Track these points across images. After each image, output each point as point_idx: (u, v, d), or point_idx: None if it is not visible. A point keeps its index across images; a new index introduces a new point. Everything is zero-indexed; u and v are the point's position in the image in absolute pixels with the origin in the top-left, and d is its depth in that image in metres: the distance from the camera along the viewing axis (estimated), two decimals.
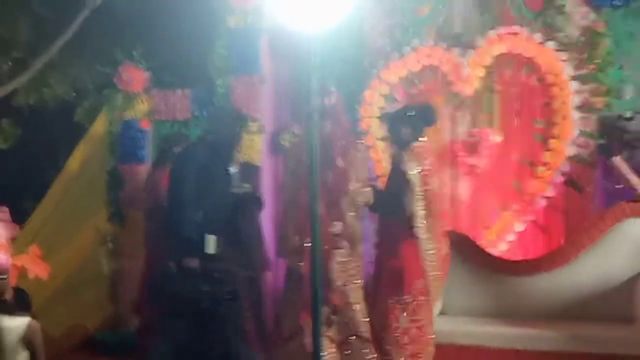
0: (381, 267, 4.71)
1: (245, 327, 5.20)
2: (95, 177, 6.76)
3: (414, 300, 4.56)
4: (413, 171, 4.58)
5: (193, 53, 6.56)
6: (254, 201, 5.76)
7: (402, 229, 4.59)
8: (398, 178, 4.63)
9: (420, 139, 4.72)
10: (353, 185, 4.77)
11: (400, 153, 4.71)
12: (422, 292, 4.58)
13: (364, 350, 4.76)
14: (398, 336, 4.55)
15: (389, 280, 4.63)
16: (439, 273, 4.67)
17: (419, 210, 4.56)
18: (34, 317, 3.87)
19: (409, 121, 4.73)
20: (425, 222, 4.56)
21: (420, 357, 4.58)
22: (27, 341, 3.54)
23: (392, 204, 4.64)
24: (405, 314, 4.55)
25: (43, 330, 3.80)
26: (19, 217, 4.59)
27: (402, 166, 4.61)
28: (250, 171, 6.04)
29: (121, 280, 6.35)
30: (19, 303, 3.99)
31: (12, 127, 7.24)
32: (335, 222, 4.67)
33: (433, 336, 4.63)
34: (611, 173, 5.54)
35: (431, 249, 4.60)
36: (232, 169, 5.70)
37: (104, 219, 6.64)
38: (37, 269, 4.22)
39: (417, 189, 4.57)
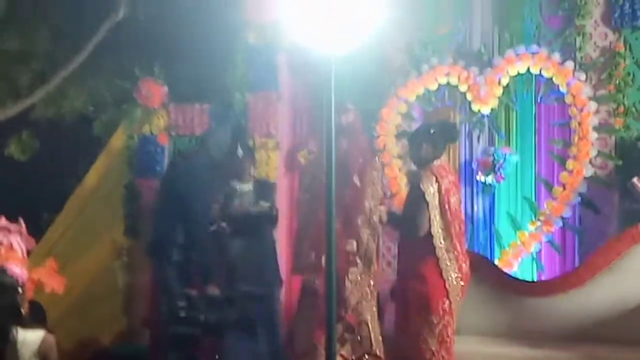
0: (405, 288, 4.63)
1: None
2: (112, 191, 6.78)
3: (440, 321, 4.50)
4: (431, 189, 4.53)
5: (212, 68, 6.58)
6: (268, 219, 5.76)
7: (423, 249, 4.53)
8: (417, 197, 4.59)
9: (440, 156, 4.68)
10: (369, 203, 4.76)
11: (419, 171, 4.66)
12: (448, 312, 4.52)
13: None
14: (427, 357, 4.48)
15: (414, 302, 4.55)
16: (460, 293, 4.63)
17: (439, 229, 4.52)
18: (49, 330, 3.88)
19: (430, 138, 4.68)
20: (445, 241, 4.51)
21: None
22: (42, 355, 3.55)
23: (411, 224, 4.59)
24: (433, 335, 4.49)
25: (57, 344, 3.81)
26: (35, 230, 4.60)
27: (421, 185, 4.56)
28: (266, 188, 6.04)
29: (136, 294, 6.35)
30: (35, 316, 4.00)
31: (30, 140, 7.27)
32: (350, 240, 4.66)
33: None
34: (629, 194, 5.50)
35: (453, 268, 4.56)
36: (239, 186, 5.77)
37: (120, 233, 6.66)
38: (53, 282, 4.22)
39: (437, 207, 4.53)
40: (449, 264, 4.52)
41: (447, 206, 4.54)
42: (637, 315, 4.89)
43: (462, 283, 4.57)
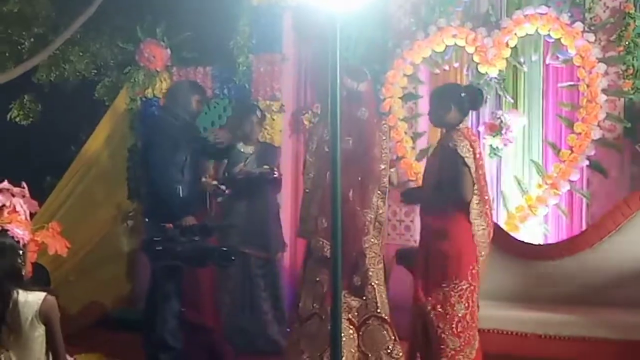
0: (430, 251, 4.56)
1: None
2: (116, 155, 6.76)
3: (468, 287, 4.45)
4: (469, 154, 4.41)
5: (215, 30, 6.52)
6: (270, 182, 5.75)
7: (456, 213, 4.46)
8: (455, 162, 4.45)
9: (463, 121, 4.57)
10: (379, 167, 4.72)
11: (450, 134, 4.54)
12: (476, 277, 4.48)
13: (383, 332, 4.73)
14: (454, 324, 4.44)
15: (443, 268, 4.49)
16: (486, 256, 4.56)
17: (474, 194, 4.42)
18: (54, 292, 3.87)
19: (459, 101, 4.56)
20: (478, 206, 4.43)
21: (470, 344, 4.47)
22: (43, 316, 3.54)
23: (454, 192, 4.45)
24: (461, 301, 4.44)
25: (60, 307, 3.79)
26: (39, 194, 4.56)
27: (459, 150, 4.42)
28: (269, 152, 6.02)
29: (139, 258, 6.34)
30: (38, 279, 3.99)
31: (33, 103, 7.24)
32: (366, 210, 4.62)
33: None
34: (637, 157, 5.45)
35: (483, 232, 4.49)
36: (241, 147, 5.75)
37: (124, 196, 6.64)
38: (56, 244, 4.19)
39: (473, 172, 4.42)
40: (481, 230, 4.46)
41: (480, 171, 4.46)
42: None
43: (488, 250, 4.52)
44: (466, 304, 4.45)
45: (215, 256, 4.86)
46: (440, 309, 4.47)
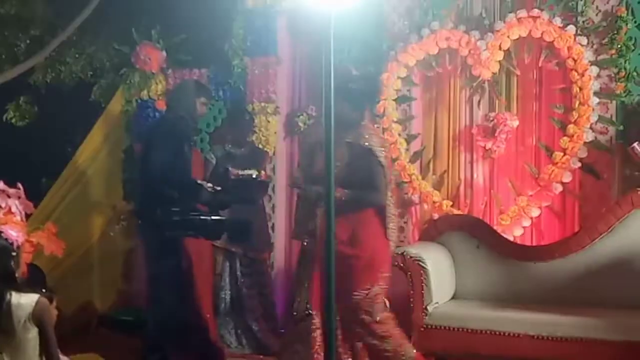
0: (345, 257, 4.32)
1: None
2: (111, 156, 6.79)
3: (383, 290, 4.41)
4: (381, 152, 4.32)
5: (210, 33, 6.55)
6: (257, 186, 5.78)
7: (370, 216, 4.39)
8: (370, 161, 4.33)
9: (363, 117, 4.47)
10: None
11: (357, 130, 4.39)
12: (387, 279, 4.45)
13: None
14: (376, 327, 4.38)
15: (355, 271, 4.37)
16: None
17: (389, 196, 4.36)
18: (50, 294, 3.89)
19: (352, 95, 4.42)
20: (391, 206, 4.36)
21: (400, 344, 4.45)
22: (36, 318, 3.55)
23: (370, 192, 4.35)
24: (377, 303, 4.39)
25: (56, 308, 3.81)
26: (34, 195, 4.59)
27: (372, 148, 4.31)
28: (257, 155, 6.06)
29: (135, 259, 6.37)
30: (33, 280, 4.01)
31: (28, 105, 7.25)
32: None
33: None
34: (629, 159, 5.49)
35: (395, 235, 4.45)
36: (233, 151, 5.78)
37: (120, 198, 6.67)
38: (52, 245, 4.24)
39: (387, 171, 4.32)
40: (393, 230, 4.40)
41: (390, 170, 4.39)
42: (636, 279, 4.90)
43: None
44: (381, 308, 4.40)
45: (230, 229, 4.96)
46: (359, 314, 4.39)
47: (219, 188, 5.45)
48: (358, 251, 4.37)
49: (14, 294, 3.57)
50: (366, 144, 4.34)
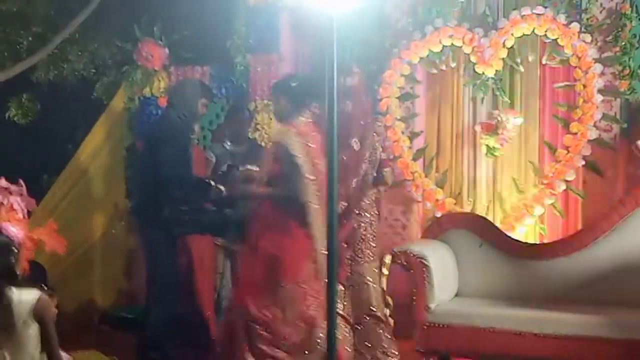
0: (265, 255, 4.42)
1: None
2: (113, 154, 6.78)
3: (306, 290, 4.38)
4: (300, 151, 4.30)
5: (212, 30, 6.54)
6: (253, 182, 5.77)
7: (294, 216, 4.35)
8: (288, 161, 4.32)
9: (304, 113, 4.45)
10: (366, 166, 4.74)
11: (283, 130, 4.41)
12: (313, 280, 4.40)
13: (378, 329, 4.75)
14: (289, 326, 4.36)
15: (277, 268, 4.37)
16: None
17: (311, 194, 4.32)
18: (51, 291, 3.88)
19: (291, 92, 4.47)
20: (317, 206, 4.31)
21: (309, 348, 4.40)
22: (37, 315, 3.54)
23: (287, 191, 4.36)
24: (298, 302, 4.37)
25: (58, 305, 3.81)
26: (36, 192, 4.58)
27: (289, 147, 4.30)
28: (258, 152, 6.05)
29: (137, 257, 6.36)
30: (34, 277, 4.00)
31: (31, 102, 7.25)
32: (341, 202, 4.62)
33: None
34: (633, 157, 5.47)
35: (322, 233, 4.24)
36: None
37: (122, 195, 6.66)
38: (54, 243, 4.21)
39: (308, 171, 4.30)
40: (320, 230, 4.31)
41: (315, 168, 4.31)
42: (639, 278, 4.88)
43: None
44: (303, 308, 4.37)
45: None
46: (274, 313, 4.37)
47: (221, 187, 5.45)
48: (278, 247, 4.37)
49: (14, 290, 3.56)
50: (283, 142, 4.34)
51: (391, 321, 4.93)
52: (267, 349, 4.34)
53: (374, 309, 4.74)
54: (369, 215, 4.85)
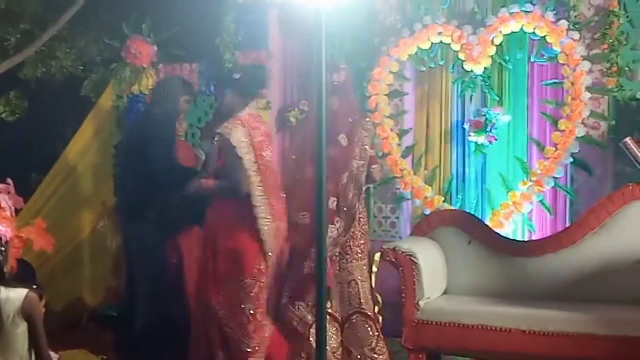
0: (216, 249, 4.46)
1: None
2: (102, 151, 6.75)
3: (257, 283, 4.40)
4: (243, 143, 4.34)
5: (201, 27, 6.52)
6: None
7: (239, 208, 4.38)
8: (230, 153, 4.37)
9: (249, 105, 4.51)
10: (356, 163, 4.74)
11: (227, 123, 4.44)
12: (264, 274, 4.43)
13: (366, 327, 4.76)
14: (244, 324, 4.38)
15: (228, 264, 4.41)
16: (272, 254, 4.49)
17: (256, 187, 4.37)
18: (39, 289, 3.86)
19: (236, 85, 4.51)
20: (262, 200, 4.37)
21: (266, 345, 4.44)
22: (25, 313, 3.52)
23: (229, 183, 4.42)
24: (249, 299, 4.38)
25: (46, 304, 3.79)
26: (24, 190, 4.56)
27: (231, 139, 4.34)
28: None
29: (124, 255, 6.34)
30: (23, 275, 3.98)
31: (18, 100, 7.21)
32: (331, 198, 4.63)
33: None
34: (621, 154, 5.48)
35: (271, 228, 4.42)
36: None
37: (110, 193, 6.63)
38: (42, 241, 4.20)
39: (252, 163, 4.35)
40: (266, 224, 4.39)
41: (260, 161, 4.36)
42: (627, 274, 4.89)
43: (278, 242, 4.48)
44: (255, 303, 4.39)
45: None
46: (228, 308, 4.39)
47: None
48: (224, 242, 4.41)
49: (2, 288, 3.54)
50: (227, 136, 4.37)
51: (380, 318, 4.93)
52: (235, 345, 4.40)
53: (362, 307, 4.74)
54: (357, 213, 4.85)
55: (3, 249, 3.71)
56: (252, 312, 4.39)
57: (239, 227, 4.39)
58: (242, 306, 4.37)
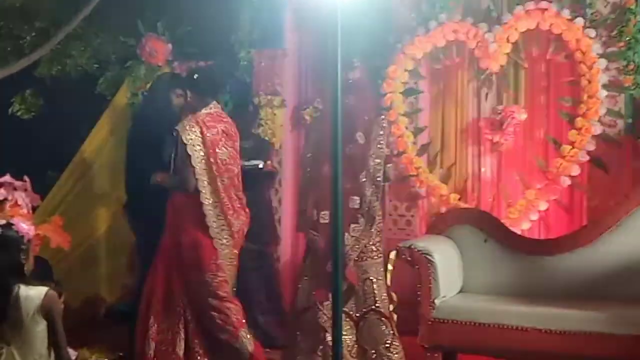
0: (176, 245, 4.65)
1: None
2: (117, 149, 6.76)
3: (214, 279, 4.55)
4: (194, 141, 4.51)
5: (216, 25, 6.53)
6: (263, 177, 5.80)
7: (191, 205, 4.55)
8: (181, 149, 4.56)
9: (206, 104, 4.67)
10: (373, 161, 4.74)
11: (183, 121, 4.64)
12: (221, 269, 4.57)
13: (381, 325, 4.75)
14: (213, 316, 4.54)
15: (186, 261, 4.59)
16: (234, 250, 4.62)
17: (205, 184, 4.50)
18: (58, 287, 3.88)
19: (194, 84, 4.70)
20: (212, 196, 4.52)
21: (235, 336, 4.58)
22: (45, 311, 3.53)
23: (178, 178, 4.61)
24: (211, 293, 4.54)
25: (63, 301, 3.81)
26: (41, 188, 4.58)
27: (183, 136, 4.54)
28: (262, 147, 6.06)
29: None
30: (41, 273, 4.00)
31: (34, 98, 7.23)
32: (353, 197, 4.65)
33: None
34: (638, 152, 5.46)
35: (220, 224, 4.55)
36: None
37: (124, 190, 6.65)
38: (59, 238, 4.22)
39: (202, 160, 4.49)
40: (215, 220, 4.51)
41: (212, 159, 4.51)
42: None
43: (233, 238, 4.60)
44: (217, 296, 4.52)
45: None
46: (191, 302, 4.56)
47: None
48: (179, 237, 4.60)
49: (22, 286, 3.55)
50: (180, 133, 4.57)
51: (395, 317, 4.93)
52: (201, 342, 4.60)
53: (377, 305, 4.74)
54: (366, 208, 4.85)
55: (25, 247, 3.73)
56: (215, 305, 4.54)
57: (190, 222, 4.56)
58: (206, 300, 4.56)
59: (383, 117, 5.15)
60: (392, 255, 4.98)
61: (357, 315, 4.77)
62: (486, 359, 4.94)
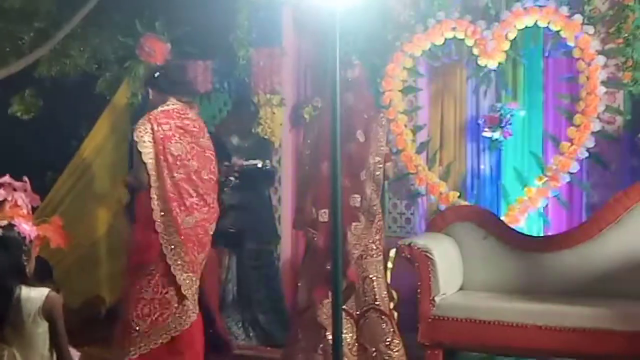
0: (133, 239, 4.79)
1: None
2: (117, 149, 6.78)
3: (155, 271, 4.58)
4: (145, 138, 4.54)
5: (215, 24, 6.52)
6: (261, 175, 5.81)
7: (143, 199, 4.61)
8: (130, 143, 4.70)
9: (167, 101, 4.70)
10: (373, 159, 4.74)
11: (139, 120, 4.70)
12: (162, 260, 4.57)
13: (381, 323, 4.76)
14: (139, 307, 4.59)
15: (132, 249, 4.75)
16: (181, 243, 4.60)
17: (155, 180, 4.54)
18: (57, 287, 3.87)
19: (155, 83, 4.78)
20: (158, 191, 4.54)
21: (160, 326, 4.59)
22: (46, 312, 3.52)
23: (134, 177, 4.69)
24: (150, 284, 4.58)
25: (63, 301, 3.80)
26: (40, 188, 4.58)
27: (134, 135, 4.59)
28: (262, 146, 6.07)
29: None
30: (41, 273, 4.00)
31: (33, 98, 7.24)
32: (354, 195, 4.65)
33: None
34: (637, 149, 5.46)
35: (167, 218, 4.57)
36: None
37: (125, 191, 6.65)
38: (58, 238, 4.22)
39: (152, 157, 4.53)
40: (161, 216, 4.54)
41: (161, 155, 4.53)
42: None
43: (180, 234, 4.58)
44: (154, 289, 4.56)
45: None
46: (131, 293, 4.63)
47: (232, 178, 5.49)
48: (138, 232, 4.71)
49: (23, 287, 3.54)
50: (134, 132, 4.63)
51: (395, 315, 4.93)
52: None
53: (377, 303, 4.74)
54: (366, 206, 4.85)
55: (26, 248, 3.72)
56: (151, 297, 4.58)
57: (143, 218, 4.62)
58: (143, 291, 4.58)
59: (382, 115, 5.15)
60: (392, 253, 4.99)
61: (358, 313, 4.77)
62: None
